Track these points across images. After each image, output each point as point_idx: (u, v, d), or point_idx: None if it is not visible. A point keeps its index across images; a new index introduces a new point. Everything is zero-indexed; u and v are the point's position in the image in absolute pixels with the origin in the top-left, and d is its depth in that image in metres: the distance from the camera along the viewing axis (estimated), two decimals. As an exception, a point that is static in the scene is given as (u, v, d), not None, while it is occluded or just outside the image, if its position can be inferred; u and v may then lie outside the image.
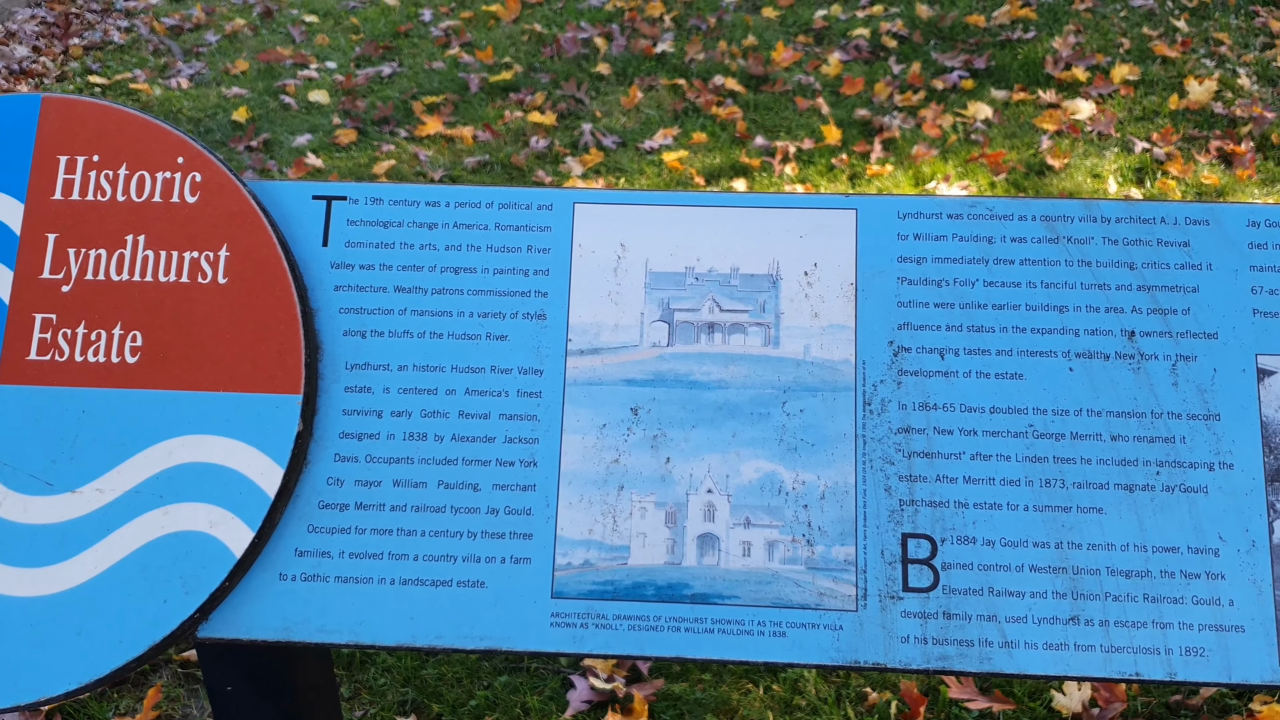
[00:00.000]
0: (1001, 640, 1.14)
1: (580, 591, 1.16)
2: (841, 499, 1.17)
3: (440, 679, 2.39)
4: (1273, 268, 1.20)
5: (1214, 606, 1.13)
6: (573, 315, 1.22)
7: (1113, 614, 1.14)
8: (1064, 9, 6.07)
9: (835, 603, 1.15)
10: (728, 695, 2.34)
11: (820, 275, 1.22)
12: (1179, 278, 1.20)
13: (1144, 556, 1.14)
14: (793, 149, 4.79)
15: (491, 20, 6.21)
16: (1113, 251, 1.20)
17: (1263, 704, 2.23)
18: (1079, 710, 2.21)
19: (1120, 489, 1.16)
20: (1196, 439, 1.17)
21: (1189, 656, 1.13)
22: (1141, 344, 1.18)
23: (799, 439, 1.18)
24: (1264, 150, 4.81)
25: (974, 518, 1.16)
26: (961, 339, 1.19)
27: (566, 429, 1.19)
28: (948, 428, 1.18)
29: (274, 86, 5.49)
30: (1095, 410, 1.18)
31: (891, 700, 2.26)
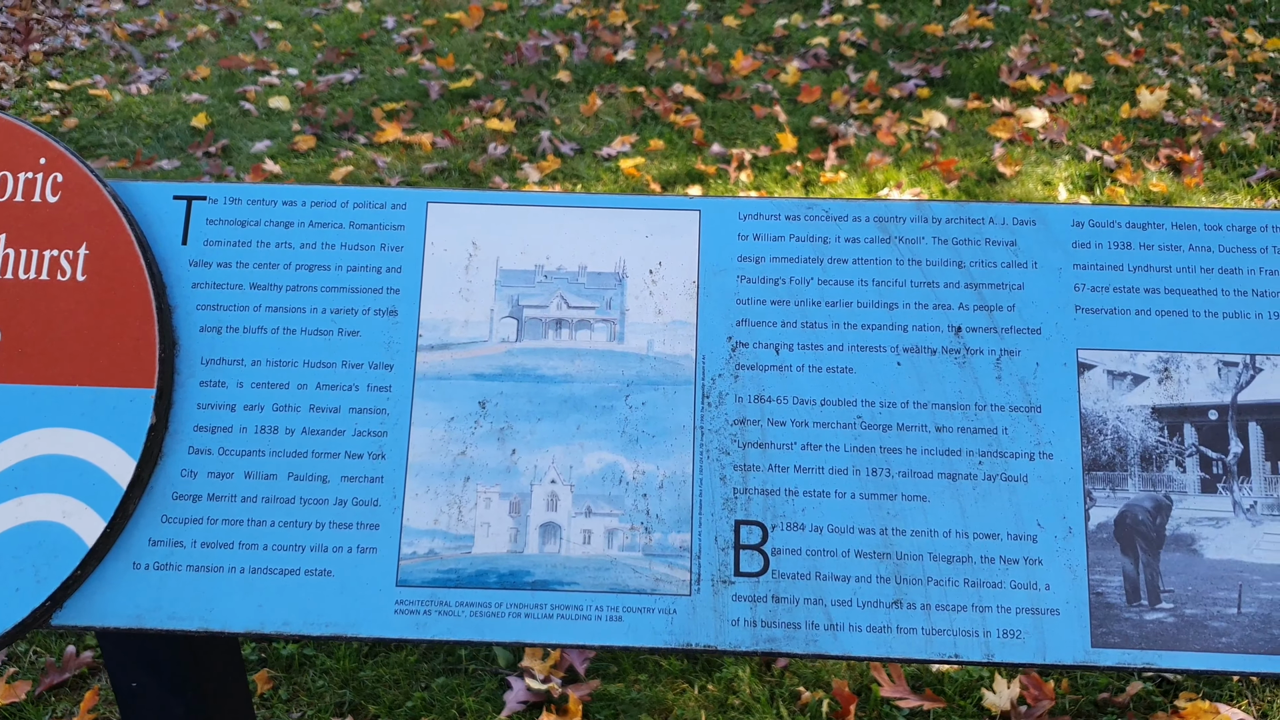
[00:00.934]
0: (827, 623, 1.18)
1: (424, 580, 1.21)
2: (679, 488, 1.22)
3: (378, 680, 2.42)
4: (1095, 266, 1.25)
5: (1031, 590, 1.18)
6: (424, 311, 1.27)
7: (934, 598, 1.19)
8: (1021, 19, 6.15)
9: (670, 588, 1.20)
10: (663, 695, 2.38)
11: (664, 274, 1.27)
12: (1005, 276, 1.25)
13: (965, 542, 1.19)
14: (748, 156, 4.84)
15: (454, 28, 6.26)
16: (942, 251, 1.26)
17: (1187, 700, 2.28)
18: (1008, 708, 2.25)
19: (944, 478, 1.21)
20: (1018, 430, 1.22)
21: (1006, 639, 1.17)
22: (968, 339, 1.23)
23: (640, 431, 1.23)
24: (1212, 158, 4.89)
25: (804, 505, 1.21)
26: (796, 334, 1.24)
27: (415, 422, 1.23)
28: (781, 419, 1.23)
29: (234, 93, 5.53)
30: (921, 402, 1.23)
31: (824, 699, 2.30)
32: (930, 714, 2.28)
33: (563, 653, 2.38)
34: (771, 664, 2.38)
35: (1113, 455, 1.20)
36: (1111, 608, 1.17)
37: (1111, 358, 1.22)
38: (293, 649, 2.42)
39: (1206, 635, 1.16)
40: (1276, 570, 1.17)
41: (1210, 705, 2.25)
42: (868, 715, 2.29)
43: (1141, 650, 1.16)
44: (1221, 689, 2.32)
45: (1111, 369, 1.22)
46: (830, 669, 2.39)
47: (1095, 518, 1.20)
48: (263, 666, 2.42)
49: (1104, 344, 1.23)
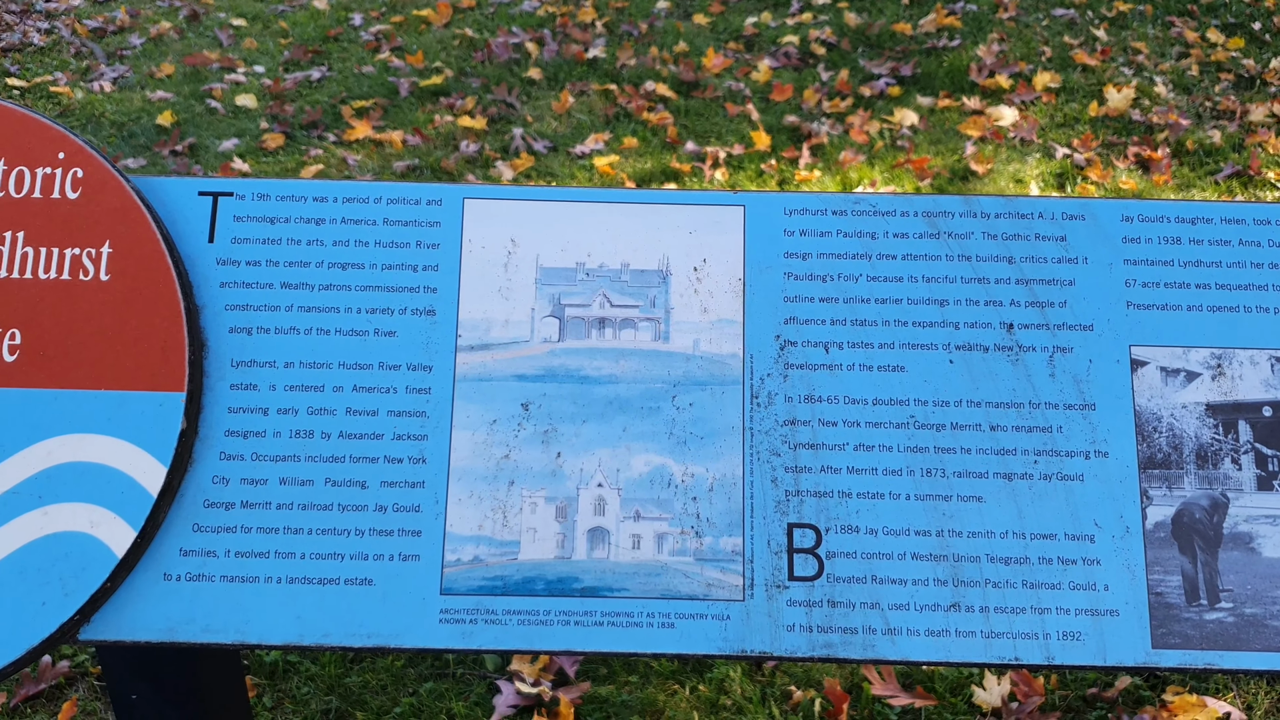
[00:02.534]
0: (885, 627, 1.15)
1: (469, 587, 1.16)
2: (729, 491, 1.18)
3: (364, 686, 2.36)
4: (1145, 261, 1.23)
5: (1090, 592, 1.16)
6: (462, 311, 1.22)
7: (992, 600, 1.16)
8: (988, 18, 6.19)
9: (723, 593, 1.16)
10: (654, 696, 2.34)
11: (709, 271, 1.23)
12: (1056, 271, 1.23)
13: (1022, 543, 1.17)
14: (723, 154, 4.82)
15: (422, 25, 6.18)
16: (992, 246, 1.23)
17: (1174, 694, 2.28)
18: (998, 704, 2.24)
19: (999, 477, 1.18)
20: (1073, 428, 1.20)
21: (1066, 641, 1.15)
22: (1020, 336, 1.21)
23: (688, 432, 1.19)
24: (1179, 156, 4.94)
25: (857, 507, 1.18)
26: (845, 333, 1.21)
27: (456, 425, 1.19)
28: (832, 419, 1.19)
29: (200, 90, 5.41)
30: (975, 401, 1.20)
31: (815, 698, 2.27)
32: (921, 712, 2.26)
33: (551, 655, 2.34)
34: (762, 664, 2.35)
35: (1168, 453, 1.19)
36: (1171, 608, 1.16)
37: (1164, 354, 1.20)
38: (276, 655, 2.36)
39: (1267, 635, 1.15)
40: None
41: (1197, 699, 2.26)
42: (859, 714, 2.27)
43: (1202, 651, 1.14)
44: (1207, 682, 2.34)
45: (1165, 365, 1.20)
46: (820, 668, 2.37)
47: (1152, 517, 1.18)
48: (246, 673, 2.35)
49: (1156, 340, 1.21)
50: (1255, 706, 2.33)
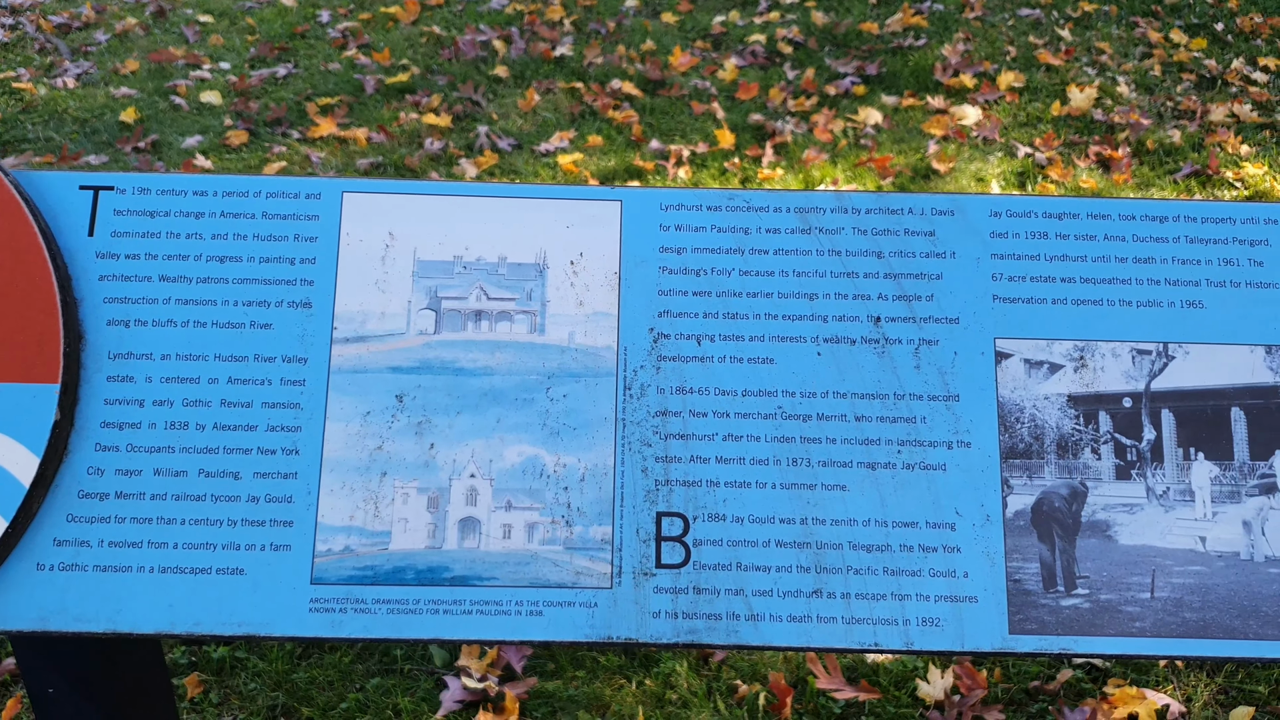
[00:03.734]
0: (748, 613, 1.18)
1: (340, 577, 1.18)
2: (600, 481, 1.20)
3: (311, 682, 2.37)
4: (1013, 255, 1.26)
5: (949, 578, 1.19)
6: (339, 304, 1.24)
7: (854, 587, 1.19)
8: (954, 17, 6.22)
9: (591, 581, 1.18)
10: (600, 691, 2.36)
11: (586, 265, 1.25)
12: (924, 266, 1.25)
13: (885, 531, 1.20)
14: (686, 152, 4.84)
15: (390, 22, 6.18)
16: (862, 241, 1.26)
17: (1116, 686, 2.31)
18: (941, 698, 2.27)
19: (863, 467, 1.21)
20: (936, 419, 1.22)
21: (925, 627, 1.18)
22: (886, 329, 1.24)
23: (561, 423, 1.21)
24: (1139, 155, 4.98)
25: (725, 496, 1.20)
26: (717, 325, 1.24)
27: (330, 417, 1.21)
28: (702, 410, 1.22)
29: (165, 87, 5.40)
30: (841, 392, 1.23)
31: (760, 692, 2.30)
32: (865, 705, 2.29)
33: (500, 651, 2.35)
34: (709, 658, 2.37)
35: (1029, 443, 1.21)
36: (1029, 594, 1.18)
37: (1028, 346, 1.23)
38: (224, 652, 2.37)
39: (1121, 620, 1.17)
40: (1188, 555, 1.19)
41: (1137, 691, 2.29)
42: (804, 707, 2.30)
43: (1058, 636, 1.17)
44: (1148, 674, 2.37)
45: (1028, 357, 1.23)
46: (767, 662, 2.39)
47: (1013, 505, 1.20)
48: (193, 670, 2.37)
49: (1021, 333, 1.24)
50: (1195, 699, 2.36)
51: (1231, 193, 4.75)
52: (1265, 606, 1.16)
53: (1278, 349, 1.23)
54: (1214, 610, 1.16)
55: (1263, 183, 4.80)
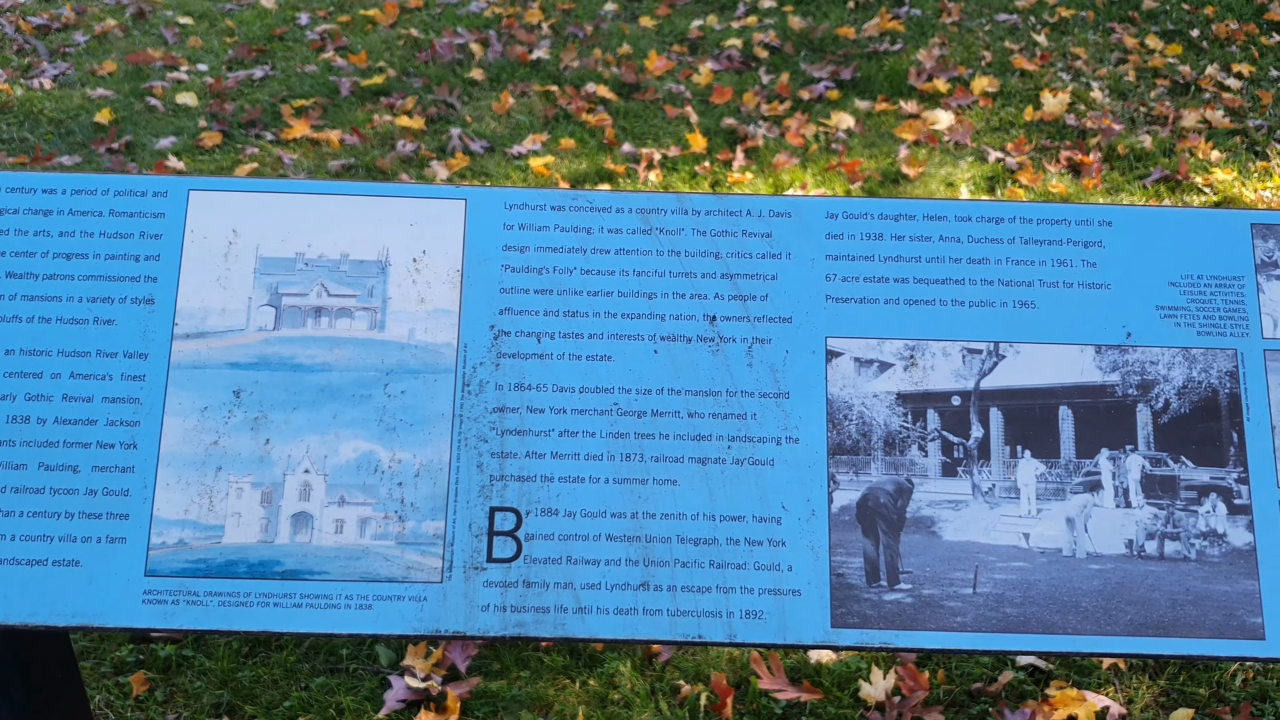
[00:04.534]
0: (576, 606, 1.20)
1: (173, 569, 1.21)
2: (435, 476, 1.23)
3: (256, 681, 2.40)
4: (847, 256, 1.28)
5: (774, 572, 1.21)
6: (181, 300, 1.27)
7: (680, 580, 1.21)
8: (931, 23, 6.23)
9: (421, 575, 1.21)
10: (544, 691, 2.39)
11: (428, 262, 1.28)
12: (760, 266, 1.28)
13: (712, 525, 1.22)
14: (658, 156, 4.85)
15: (369, 25, 6.22)
16: (701, 242, 1.28)
17: (1057, 689, 2.33)
18: (883, 699, 2.28)
19: (694, 462, 1.23)
20: (767, 415, 1.25)
21: (749, 619, 1.20)
22: (721, 328, 1.26)
23: (398, 419, 1.24)
24: (1110, 160, 4.99)
25: (559, 491, 1.23)
26: (557, 323, 1.27)
27: (168, 412, 1.24)
28: (540, 407, 1.25)
29: (141, 88, 5.45)
30: (676, 389, 1.25)
31: (703, 692, 2.31)
32: (807, 705, 2.30)
33: (445, 650, 2.38)
34: (654, 658, 2.39)
35: (857, 440, 1.24)
36: (852, 588, 1.21)
37: (859, 345, 1.26)
38: (170, 650, 2.40)
39: (942, 615, 1.20)
40: (1010, 551, 1.21)
41: (1078, 693, 2.31)
42: (746, 708, 2.32)
43: (879, 630, 1.19)
44: (1090, 677, 2.38)
45: (859, 356, 1.25)
46: (711, 662, 2.41)
47: (838, 500, 1.23)
48: (140, 668, 2.40)
49: (852, 332, 1.26)
50: (1136, 700, 2.37)
51: (1200, 198, 4.76)
52: (1085, 602, 1.18)
53: (1107, 349, 1.25)
54: (1035, 605, 1.18)
55: (1231, 188, 4.81)
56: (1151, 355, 1.27)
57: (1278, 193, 4.70)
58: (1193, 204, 4.73)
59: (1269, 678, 2.38)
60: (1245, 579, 1.22)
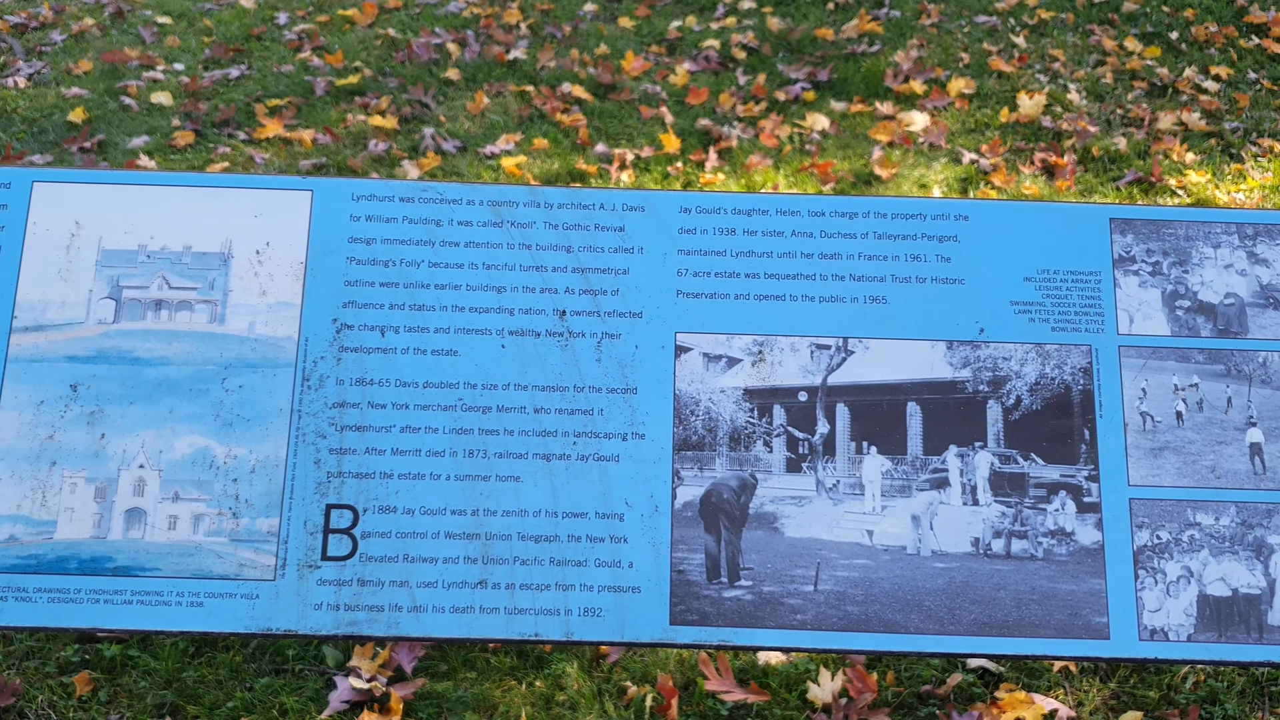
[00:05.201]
0: (411, 605, 1.19)
1: (3, 566, 1.19)
2: (271, 473, 1.22)
3: (200, 681, 2.39)
4: (699, 251, 1.26)
5: (615, 569, 1.20)
6: (21, 293, 1.26)
7: (519, 577, 1.20)
8: (910, 24, 6.20)
9: (255, 573, 1.19)
10: (490, 692, 2.37)
11: (272, 254, 1.27)
12: (611, 260, 1.26)
13: (554, 522, 1.21)
14: (631, 156, 4.83)
15: (347, 24, 6.21)
16: (553, 235, 1.27)
17: (1007, 691, 2.31)
18: (830, 700, 2.26)
19: (538, 458, 1.22)
20: (614, 411, 1.23)
21: (587, 617, 1.19)
22: (571, 323, 1.25)
23: (235, 414, 1.23)
24: (1085, 163, 4.96)
25: (398, 488, 1.21)
26: (403, 317, 1.25)
27: (3, 405, 1.23)
28: (381, 402, 1.23)
29: (115, 87, 5.44)
30: (522, 385, 1.24)
31: (649, 693, 2.30)
32: (754, 707, 2.28)
33: (391, 651, 2.36)
34: (602, 659, 2.37)
35: (703, 435, 1.22)
36: (692, 585, 1.19)
37: (708, 340, 1.24)
38: (115, 650, 2.38)
39: (782, 612, 1.18)
40: (853, 548, 1.19)
41: (1026, 695, 2.30)
42: (692, 709, 2.30)
43: (718, 628, 1.18)
44: (1040, 679, 2.36)
45: (708, 351, 1.23)
46: (659, 663, 2.38)
47: (682, 496, 1.21)
48: (84, 668, 2.39)
49: (702, 327, 1.25)
50: (1085, 703, 2.35)
51: (1173, 200, 4.72)
52: (928, 601, 1.16)
53: (959, 344, 1.23)
54: (876, 604, 1.17)
55: (1205, 190, 4.77)
56: (1004, 351, 1.25)
57: (1251, 195, 4.66)
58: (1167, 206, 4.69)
59: (1219, 680, 2.35)
60: (1092, 578, 1.20)
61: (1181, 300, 1.28)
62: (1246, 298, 1.30)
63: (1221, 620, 1.22)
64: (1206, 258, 1.30)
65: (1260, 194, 4.59)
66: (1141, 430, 1.26)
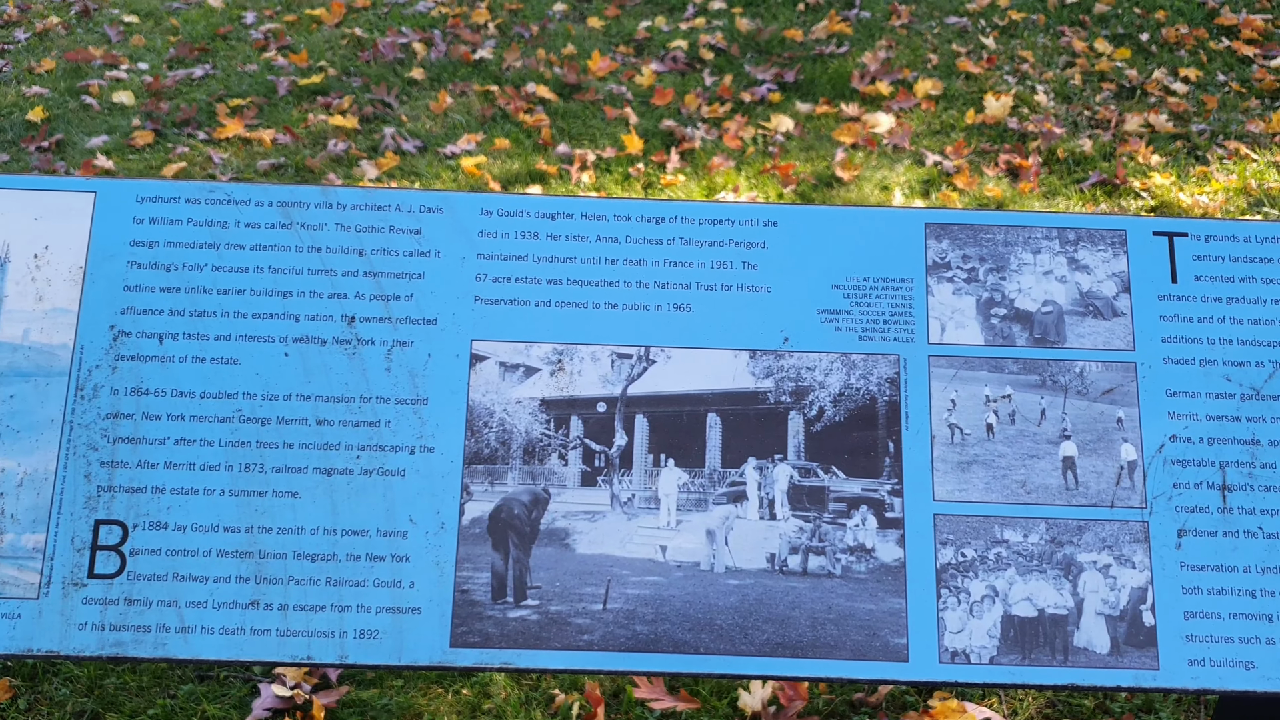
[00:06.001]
0: (179, 625, 1.14)
1: None
2: (40, 486, 1.17)
3: (122, 688, 2.35)
4: (499, 255, 1.21)
5: (395, 589, 1.15)
6: None
7: (293, 598, 1.14)
8: (880, 25, 6.12)
9: (17, 591, 1.15)
10: (415, 700, 2.33)
11: (50, 258, 1.22)
12: (406, 265, 1.21)
13: (333, 540, 1.16)
14: (592, 157, 4.77)
15: (314, 24, 6.16)
16: (345, 238, 1.22)
17: (940, 699, 2.26)
18: (759, 709, 2.21)
19: (319, 473, 1.17)
20: (402, 423, 1.18)
21: (363, 639, 1.14)
22: (360, 329, 1.19)
23: (4, 425, 1.19)
24: (1050, 164, 4.88)
25: (170, 503, 1.16)
26: (183, 324, 1.20)
27: None
28: (157, 413, 1.18)
29: (77, 86, 5.40)
30: (305, 395, 1.19)
31: (576, 701, 2.25)
32: (683, 715, 2.23)
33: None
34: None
35: (496, 448, 1.17)
36: (475, 605, 1.14)
37: (506, 349, 1.18)
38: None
39: (568, 633, 1.12)
40: (646, 564, 1.14)
41: (959, 705, 2.26)
42: (621, 717, 2.24)
43: (501, 649, 1.13)
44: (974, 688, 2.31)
45: (505, 360, 1.18)
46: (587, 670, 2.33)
47: (470, 512, 1.16)
48: (5, 674, 2.34)
49: (500, 335, 1.19)
50: (1020, 712, 2.29)
51: (1137, 202, 4.65)
52: (720, 619, 1.11)
53: (762, 354, 1.18)
54: (667, 623, 1.11)
55: (1169, 193, 4.70)
56: (808, 361, 1.19)
57: (1215, 197, 4.59)
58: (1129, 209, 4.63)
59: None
60: (892, 597, 1.14)
61: (997, 308, 1.22)
62: (1066, 305, 1.23)
63: (1026, 642, 1.16)
64: (1025, 264, 1.24)
65: (1224, 196, 4.52)
66: (949, 443, 1.20)
